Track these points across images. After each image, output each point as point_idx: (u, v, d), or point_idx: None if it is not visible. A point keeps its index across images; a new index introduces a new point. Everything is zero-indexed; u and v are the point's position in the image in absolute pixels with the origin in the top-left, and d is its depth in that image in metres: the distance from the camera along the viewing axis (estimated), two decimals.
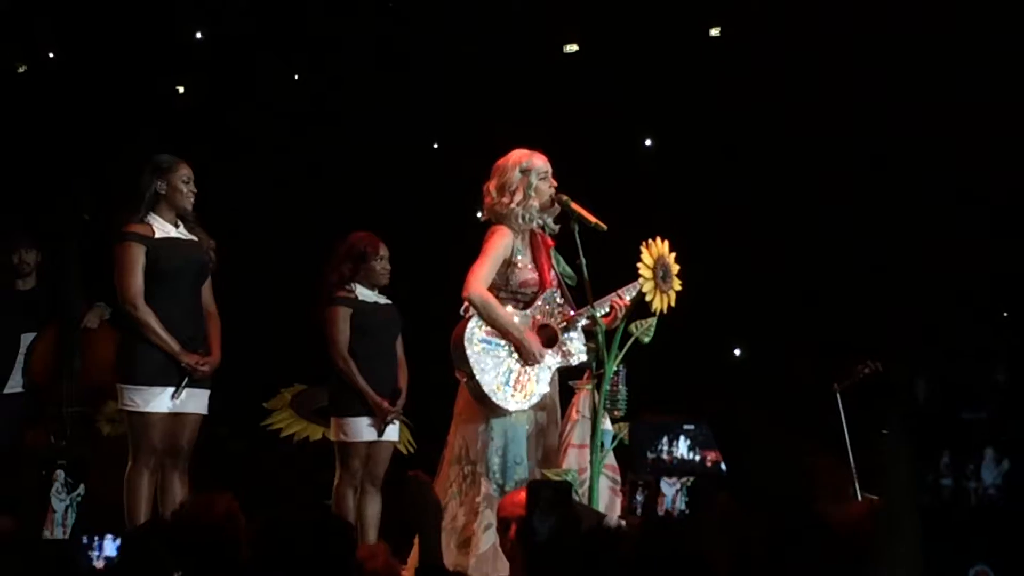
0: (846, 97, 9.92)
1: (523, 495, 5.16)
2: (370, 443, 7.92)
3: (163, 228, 7.17)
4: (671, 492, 6.57)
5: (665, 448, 6.71)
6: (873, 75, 9.85)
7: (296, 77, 11.21)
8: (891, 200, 9.83)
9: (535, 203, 7.04)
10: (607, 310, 7.07)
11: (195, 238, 7.28)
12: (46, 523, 5.70)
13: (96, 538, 5.96)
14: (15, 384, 8.74)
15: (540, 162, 7.10)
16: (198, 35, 11.13)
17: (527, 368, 6.95)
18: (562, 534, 4.48)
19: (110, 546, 5.71)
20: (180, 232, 7.23)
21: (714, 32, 10.55)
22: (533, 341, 6.95)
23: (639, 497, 6.56)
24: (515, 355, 6.94)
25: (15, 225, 9.30)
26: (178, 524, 5.08)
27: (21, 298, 8.89)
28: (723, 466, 5.69)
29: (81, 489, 5.75)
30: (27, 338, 8.78)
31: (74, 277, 8.73)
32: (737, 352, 10.78)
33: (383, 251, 8.05)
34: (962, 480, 3.89)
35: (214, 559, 4.80)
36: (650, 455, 6.53)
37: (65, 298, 8.74)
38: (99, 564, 5.60)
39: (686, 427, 6.17)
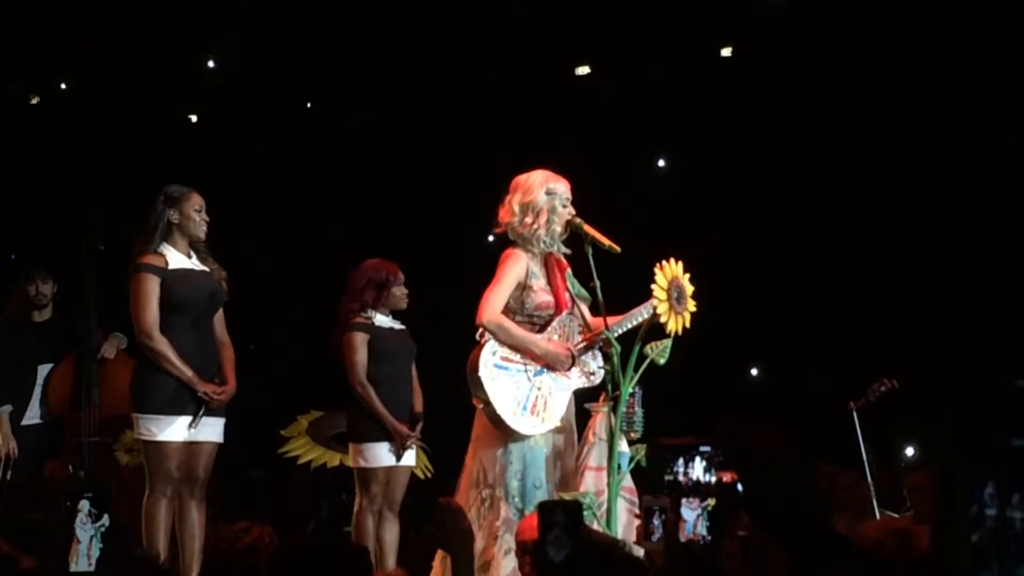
0: (860, 114, 9.93)
1: None
2: (388, 468, 7.93)
3: (177, 259, 7.19)
4: (692, 517, 6.54)
5: (681, 470, 6.65)
6: (885, 92, 9.86)
7: (308, 105, 11.24)
8: (910, 217, 9.84)
9: (557, 227, 7.03)
10: (625, 329, 7.06)
11: (207, 268, 7.30)
12: (71, 555, 5.72)
13: None
14: (33, 415, 8.76)
15: (564, 187, 7.08)
16: (210, 64, 11.16)
17: (543, 391, 6.94)
18: (577, 557, 4.45)
19: None
20: (193, 263, 7.26)
21: (726, 52, 10.57)
22: (556, 347, 6.94)
23: (656, 522, 6.51)
24: (531, 379, 6.93)
25: (32, 257, 9.33)
26: (211, 553, 5.11)
27: (38, 330, 8.92)
28: (739, 487, 5.65)
29: (105, 520, 5.75)
30: (44, 369, 8.80)
31: (91, 307, 8.74)
32: (754, 372, 10.78)
33: (401, 276, 8.08)
34: (1007, 510, 3.86)
35: None
36: (666, 477, 6.49)
37: (82, 329, 8.75)
38: None
39: (702, 448, 6.13)
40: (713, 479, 5.62)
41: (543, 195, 7.01)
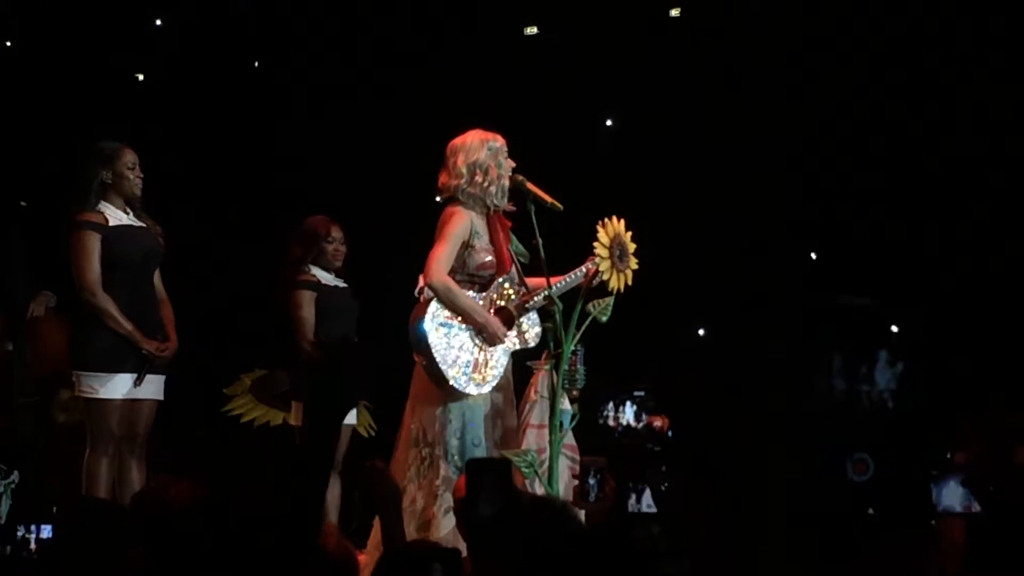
0: (806, 77, 9.95)
1: None
2: None
3: (115, 216, 7.13)
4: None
5: (611, 414, 6.68)
6: (833, 55, 9.89)
7: (256, 64, 11.17)
8: (862, 170, 9.90)
9: (505, 181, 7.02)
10: (565, 288, 7.06)
11: (144, 225, 7.24)
12: None
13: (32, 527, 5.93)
14: None
15: (501, 142, 7.09)
16: (158, 22, 11.07)
17: (485, 351, 6.93)
18: (505, 513, 4.46)
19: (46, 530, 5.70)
20: (131, 219, 7.19)
21: (674, 12, 10.55)
22: (495, 323, 6.93)
23: (592, 481, 6.52)
24: (474, 338, 6.92)
25: None
26: (141, 508, 5.07)
27: None
28: (670, 433, 5.68)
29: (15, 476, 5.77)
30: None
31: (19, 266, 8.64)
32: (701, 332, 10.78)
33: (336, 233, 8.01)
34: (855, 383, 3.89)
35: (178, 542, 4.78)
36: (599, 421, 6.52)
37: (11, 287, 8.66)
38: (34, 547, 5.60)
39: (635, 393, 6.15)
40: (643, 423, 5.64)
41: (486, 151, 7.01)
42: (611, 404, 6.71)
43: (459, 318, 6.89)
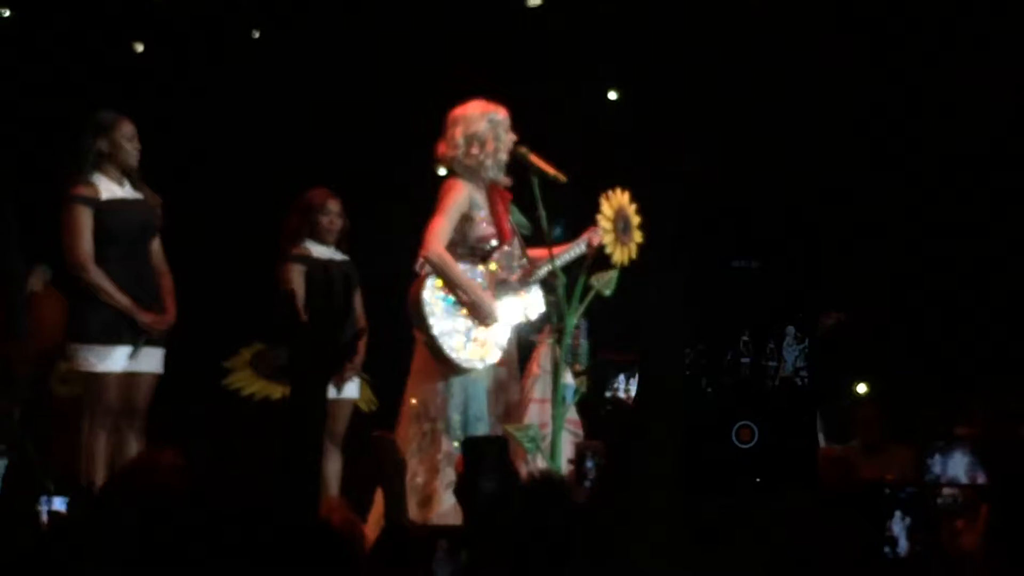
0: (809, 48, 9.89)
1: None
2: (329, 401, 7.82)
3: (109, 188, 7.06)
4: None
5: (622, 387, 6.65)
6: (839, 28, 9.83)
7: (256, 35, 11.09)
8: (860, 148, 9.85)
9: (503, 155, 6.98)
10: (572, 255, 7.03)
11: (141, 196, 7.17)
12: None
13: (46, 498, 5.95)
14: None
15: (503, 115, 7.06)
16: None
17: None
18: (505, 489, 4.44)
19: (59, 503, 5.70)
20: (126, 191, 7.12)
21: None
22: (488, 301, 6.89)
23: (589, 464, 6.50)
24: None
25: None
26: (125, 479, 5.02)
27: None
28: None
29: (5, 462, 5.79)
30: None
31: (13, 239, 8.55)
32: None
33: (332, 206, 7.89)
34: (762, 359, 3.87)
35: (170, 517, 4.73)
36: (607, 394, 6.49)
37: (5, 261, 8.57)
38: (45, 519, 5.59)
39: None
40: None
41: (486, 124, 6.97)
42: (622, 376, 6.65)
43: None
